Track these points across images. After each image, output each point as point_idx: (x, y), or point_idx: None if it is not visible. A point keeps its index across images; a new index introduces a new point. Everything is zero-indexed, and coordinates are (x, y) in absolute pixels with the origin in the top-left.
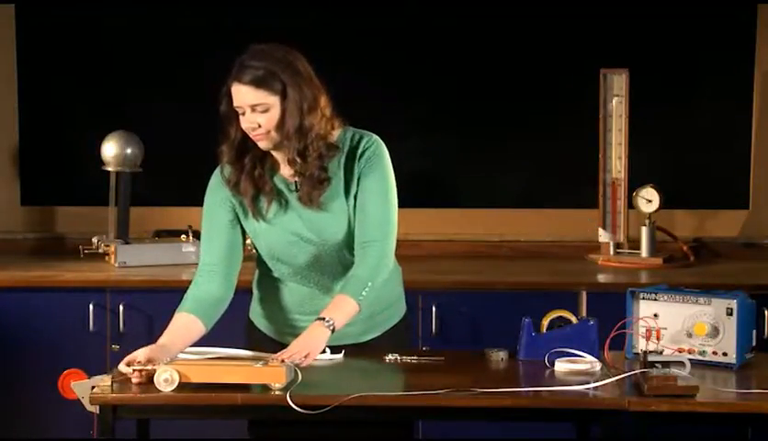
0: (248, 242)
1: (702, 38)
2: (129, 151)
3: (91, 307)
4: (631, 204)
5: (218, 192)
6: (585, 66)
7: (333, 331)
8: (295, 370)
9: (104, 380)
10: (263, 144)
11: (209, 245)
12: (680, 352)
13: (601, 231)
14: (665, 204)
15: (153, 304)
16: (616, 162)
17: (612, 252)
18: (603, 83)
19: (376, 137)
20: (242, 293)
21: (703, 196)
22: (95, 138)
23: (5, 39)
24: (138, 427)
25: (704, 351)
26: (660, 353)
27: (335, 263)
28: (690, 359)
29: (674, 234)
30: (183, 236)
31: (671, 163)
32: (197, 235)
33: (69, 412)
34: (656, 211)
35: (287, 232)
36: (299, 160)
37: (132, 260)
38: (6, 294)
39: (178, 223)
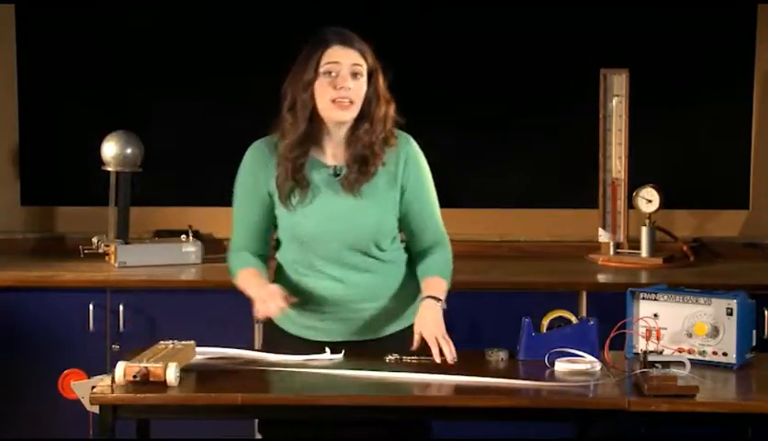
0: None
1: (702, 38)
2: (129, 151)
3: (91, 307)
4: (631, 204)
5: (260, 170)
6: (585, 66)
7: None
8: (176, 366)
9: (104, 380)
10: (343, 114)
11: (242, 226)
12: (680, 352)
13: (601, 231)
14: (665, 204)
15: (153, 304)
16: (616, 162)
17: (612, 252)
18: (603, 83)
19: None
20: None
21: (703, 196)
22: (95, 138)
23: (5, 39)
24: (138, 427)
25: (704, 351)
26: (660, 353)
27: (361, 254)
28: (690, 359)
29: (674, 234)
30: (183, 236)
31: (671, 163)
32: (197, 235)
33: (69, 412)
34: (656, 211)
35: (317, 218)
36: (381, 146)
37: (132, 260)
38: (6, 294)
39: (178, 223)
